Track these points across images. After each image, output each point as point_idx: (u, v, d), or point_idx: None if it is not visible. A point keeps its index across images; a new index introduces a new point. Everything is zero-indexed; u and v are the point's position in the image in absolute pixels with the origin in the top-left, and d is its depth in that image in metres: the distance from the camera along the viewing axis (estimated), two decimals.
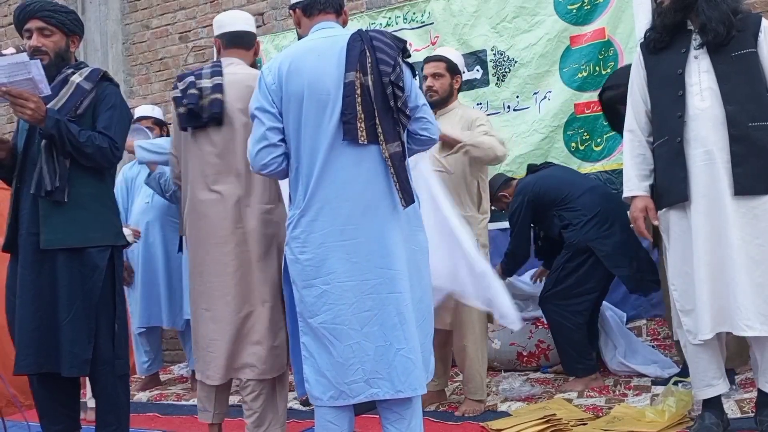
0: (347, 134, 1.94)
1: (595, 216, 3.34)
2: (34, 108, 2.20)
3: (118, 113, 2.43)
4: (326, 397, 1.96)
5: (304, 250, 1.98)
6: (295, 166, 2.03)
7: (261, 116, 2.03)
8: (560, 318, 3.34)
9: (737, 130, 2.22)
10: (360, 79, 1.94)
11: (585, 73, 4.07)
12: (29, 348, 2.29)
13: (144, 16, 5.69)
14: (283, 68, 2.01)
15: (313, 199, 1.97)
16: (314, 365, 1.98)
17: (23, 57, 2.17)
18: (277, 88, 2.01)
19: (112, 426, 2.41)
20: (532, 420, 2.73)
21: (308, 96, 1.97)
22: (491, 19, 4.30)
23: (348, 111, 1.93)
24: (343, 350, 1.93)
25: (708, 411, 2.37)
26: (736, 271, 2.18)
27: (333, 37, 2.04)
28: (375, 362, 1.93)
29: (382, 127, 1.94)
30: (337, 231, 1.95)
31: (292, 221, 2.03)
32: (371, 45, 1.97)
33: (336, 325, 1.94)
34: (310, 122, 1.98)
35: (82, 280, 2.32)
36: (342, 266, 1.94)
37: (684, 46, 2.33)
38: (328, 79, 1.97)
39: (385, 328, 1.94)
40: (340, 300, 1.94)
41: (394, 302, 1.95)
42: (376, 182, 1.97)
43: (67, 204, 2.31)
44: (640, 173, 2.43)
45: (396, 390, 1.95)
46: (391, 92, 1.95)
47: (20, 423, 2.77)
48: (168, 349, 4.98)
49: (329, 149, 1.96)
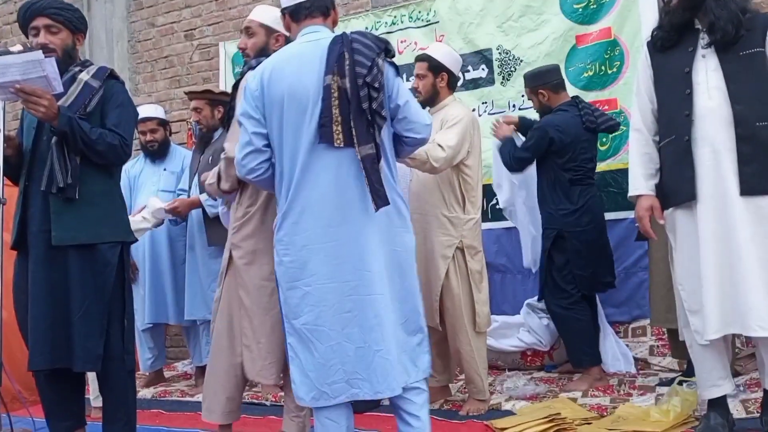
0: (323, 137, 1.96)
1: (580, 209, 3.36)
2: (48, 105, 2.21)
3: (126, 111, 2.46)
4: (309, 398, 1.99)
5: (287, 252, 2.02)
6: (279, 170, 2.06)
7: (245, 122, 2.07)
8: (563, 311, 3.36)
9: (745, 129, 2.22)
10: (337, 82, 1.96)
11: (591, 73, 4.06)
12: (43, 344, 2.31)
13: (149, 14, 5.70)
14: (265, 75, 2.05)
15: (294, 202, 2.01)
16: (299, 366, 2.01)
17: (38, 55, 2.17)
18: (259, 94, 2.04)
19: (121, 421, 2.42)
20: (537, 419, 2.73)
21: (288, 101, 2.00)
22: (497, 17, 4.30)
23: (324, 114, 1.96)
24: (324, 351, 1.96)
25: (713, 411, 2.37)
26: (746, 271, 2.18)
27: (316, 41, 2.06)
28: (355, 363, 1.96)
29: (355, 129, 1.95)
30: (319, 233, 1.98)
31: (276, 224, 2.07)
32: (351, 48, 1.98)
33: (317, 327, 1.97)
34: (290, 126, 2.01)
35: (94, 276, 2.34)
36: (323, 268, 1.97)
37: (691, 45, 2.32)
38: (309, 84, 1.99)
39: (363, 330, 1.97)
40: (322, 302, 1.97)
41: (372, 304, 1.97)
42: (354, 185, 1.98)
43: (78, 201, 2.33)
44: (646, 172, 2.42)
45: (375, 391, 1.97)
46: (366, 94, 1.95)
47: (25, 419, 2.78)
48: (172, 346, 4.99)
49: (309, 153, 1.98)
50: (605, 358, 3.50)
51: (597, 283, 3.43)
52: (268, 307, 2.38)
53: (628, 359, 3.62)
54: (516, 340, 3.77)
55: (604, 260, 3.46)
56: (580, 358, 3.38)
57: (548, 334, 3.73)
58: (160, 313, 3.99)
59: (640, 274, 3.80)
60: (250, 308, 2.39)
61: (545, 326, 3.72)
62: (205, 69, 5.42)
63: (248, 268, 2.41)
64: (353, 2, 4.85)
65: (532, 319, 3.76)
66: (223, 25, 5.36)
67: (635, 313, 3.88)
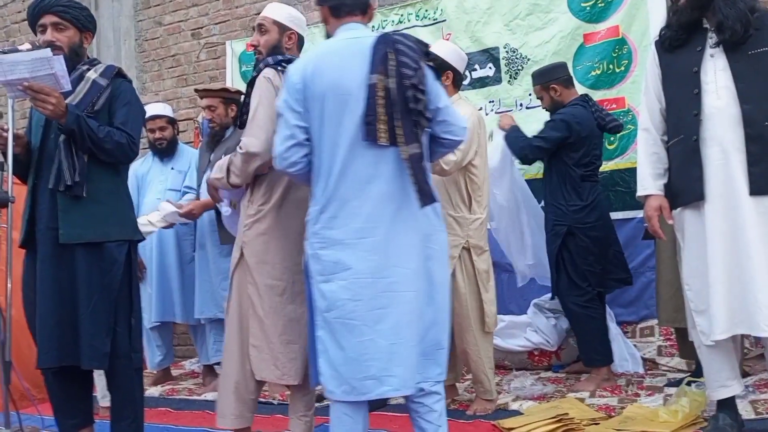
0: (368, 135, 1.98)
1: (589, 205, 3.36)
2: (56, 103, 2.22)
3: (134, 109, 2.47)
4: (339, 392, 1.99)
5: (324, 245, 2.02)
6: (316, 164, 2.07)
7: (287, 115, 2.08)
8: (579, 308, 3.35)
9: (753, 128, 2.20)
10: (382, 81, 1.99)
11: (599, 71, 4.05)
12: (51, 342, 2.32)
13: (156, 13, 5.71)
14: (308, 68, 2.06)
15: (333, 197, 2.02)
16: (328, 359, 2.01)
17: (47, 53, 2.18)
18: (302, 87, 2.05)
19: (129, 419, 2.43)
20: (544, 419, 2.72)
21: (330, 96, 2.02)
22: (504, 16, 4.29)
23: (369, 112, 1.99)
24: (356, 346, 1.97)
25: (722, 412, 2.35)
26: (755, 270, 2.16)
27: (358, 39, 2.09)
28: (387, 360, 1.96)
29: (402, 128, 1.99)
30: (356, 229, 1.99)
31: (312, 217, 2.07)
32: (395, 48, 2.02)
33: (350, 321, 1.98)
34: (331, 121, 2.02)
35: (101, 274, 2.34)
36: (359, 263, 1.98)
37: (700, 45, 2.31)
38: (351, 80, 2.01)
39: (397, 326, 1.98)
40: (357, 296, 1.97)
41: (407, 301, 1.99)
42: (394, 183, 2.01)
43: (86, 199, 2.33)
44: (655, 172, 2.41)
45: (408, 387, 1.99)
46: (412, 95, 1.99)
47: (34, 416, 2.79)
48: (179, 345, 5.00)
49: (349, 148, 2.00)
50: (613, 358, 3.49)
51: (609, 279, 3.42)
52: (280, 307, 2.36)
53: (636, 359, 3.62)
54: (523, 339, 3.77)
55: (615, 257, 3.44)
56: (593, 356, 3.38)
57: (555, 334, 3.72)
58: (167, 312, 4.01)
59: (648, 273, 3.79)
60: (260, 308, 2.36)
61: (552, 326, 3.72)
62: (212, 68, 5.43)
63: (260, 267, 2.37)
64: None
65: (540, 319, 3.75)
66: (230, 24, 5.37)
67: (643, 313, 3.87)
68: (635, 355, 3.64)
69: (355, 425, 2.01)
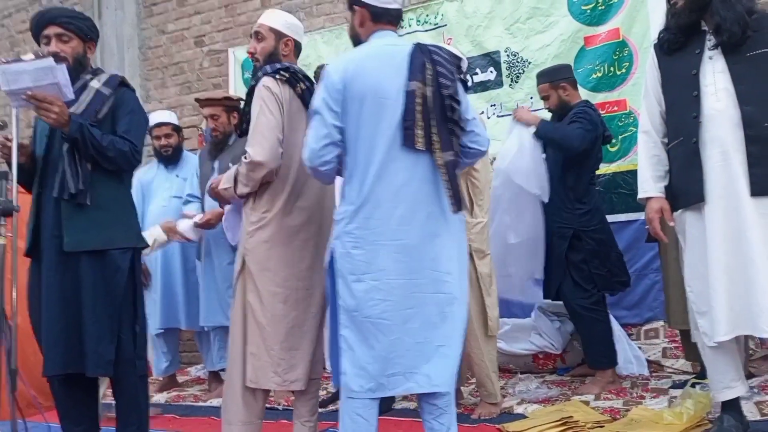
0: (406, 140, 2.04)
1: (593, 209, 3.38)
2: (59, 112, 2.25)
3: (137, 118, 2.49)
4: (364, 390, 2.02)
5: (357, 245, 2.06)
6: (350, 165, 2.11)
7: (326, 114, 2.10)
8: (585, 311, 3.34)
9: (753, 130, 2.20)
10: (421, 89, 2.04)
11: (600, 74, 4.05)
12: (57, 349, 2.33)
13: (160, 21, 5.75)
14: (348, 69, 2.09)
15: (369, 198, 2.06)
16: (353, 358, 2.03)
17: (50, 62, 2.21)
18: (342, 87, 2.08)
19: (133, 426, 2.44)
20: (549, 422, 2.72)
21: (369, 99, 2.06)
22: (505, 20, 4.30)
23: (408, 117, 2.04)
24: (386, 344, 2.01)
25: (727, 413, 2.35)
26: (757, 272, 2.16)
27: (395, 46, 2.15)
28: (413, 357, 2.03)
29: (438, 135, 2.06)
30: (390, 230, 2.04)
31: (345, 216, 2.09)
32: (431, 59, 2.09)
33: (382, 320, 2.02)
34: (369, 124, 2.06)
35: (105, 281, 2.36)
36: (392, 264, 2.03)
37: (698, 47, 2.31)
38: (389, 85, 2.06)
39: (425, 326, 2.04)
40: (389, 296, 2.02)
41: (437, 302, 2.05)
42: (428, 187, 2.08)
43: (89, 207, 2.35)
44: (655, 174, 2.42)
45: (432, 384, 2.04)
46: (449, 104, 2.07)
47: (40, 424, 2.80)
48: (185, 351, 5.02)
49: (386, 152, 2.05)
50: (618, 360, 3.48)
51: (613, 282, 3.42)
52: (282, 314, 2.37)
53: (641, 362, 3.62)
54: (527, 343, 3.77)
55: (616, 259, 3.45)
56: (599, 359, 3.37)
57: (560, 337, 3.72)
58: (172, 318, 4.02)
59: (652, 275, 3.79)
60: (262, 315, 2.36)
61: (557, 329, 3.71)
62: (215, 75, 5.46)
63: (262, 275, 2.38)
64: None
65: (544, 322, 3.75)
66: (232, 32, 5.40)
67: (647, 315, 3.87)
68: (640, 358, 3.64)
69: (369, 427, 2.04)
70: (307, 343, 2.42)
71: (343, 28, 4.75)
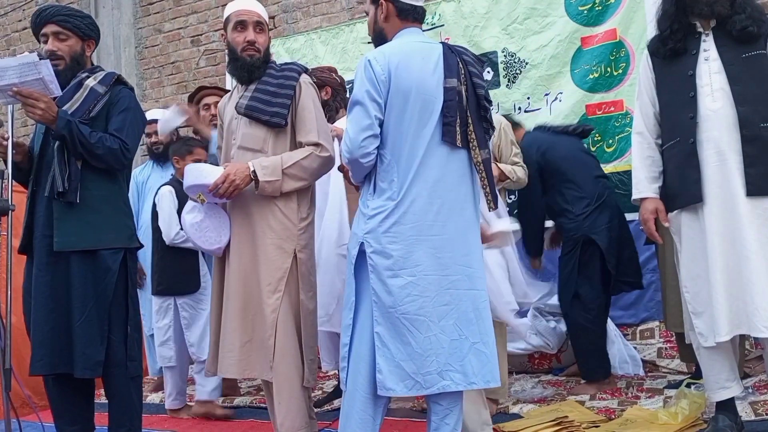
0: (446, 135, 2.05)
1: (598, 207, 3.33)
2: (45, 108, 2.24)
3: (131, 116, 2.46)
4: (401, 387, 2.00)
5: (394, 240, 2.03)
6: (388, 159, 2.06)
7: (370, 105, 2.05)
8: (587, 324, 3.31)
9: (749, 130, 2.21)
10: (458, 87, 2.06)
11: (596, 74, 4.06)
12: (44, 349, 2.32)
13: (156, 20, 5.74)
14: (392, 62, 2.06)
15: (408, 194, 2.04)
16: (388, 355, 2.00)
17: (33, 57, 2.21)
18: (386, 79, 2.05)
19: (125, 427, 2.42)
20: (544, 422, 2.72)
21: (415, 93, 2.05)
22: (502, 20, 4.31)
23: (449, 114, 2.05)
24: (423, 341, 1.99)
25: (722, 413, 2.35)
26: (753, 272, 2.17)
27: (428, 44, 2.15)
28: (448, 355, 2.00)
29: (475, 134, 2.08)
30: (426, 226, 2.03)
31: (381, 212, 2.04)
32: (462, 59, 2.11)
33: (418, 316, 2.00)
34: (413, 119, 2.05)
35: (95, 282, 2.34)
36: (427, 260, 2.02)
37: (694, 48, 2.32)
38: (430, 82, 2.06)
39: (460, 323, 2.02)
40: (425, 292, 2.01)
41: (471, 299, 2.05)
42: (463, 184, 2.10)
43: (80, 206, 2.34)
44: (650, 175, 2.42)
45: (469, 381, 2.02)
46: (483, 104, 2.12)
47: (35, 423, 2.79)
48: None
49: (426, 147, 2.05)
50: (613, 361, 3.48)
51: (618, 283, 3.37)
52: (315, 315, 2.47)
53: (636, 362, 3.62)
54: (523, 343, 3.76)
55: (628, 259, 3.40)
56: (594, 370, 3.34)
57: (556, 336, 3.71)
58: None
59: (648, 276, 3.79)
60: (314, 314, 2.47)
61: (552, 329, 3.71)
62: (211, 74, 5.46)
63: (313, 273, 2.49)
64: (359, 6, 4.86)
65: (540, 322, 3.75)
66: None
67: (643, 315, 3.88)
68: (635, 358, 3.64)
69: (375, 427, 2.04)
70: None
71: (341, 28, 4.75)
